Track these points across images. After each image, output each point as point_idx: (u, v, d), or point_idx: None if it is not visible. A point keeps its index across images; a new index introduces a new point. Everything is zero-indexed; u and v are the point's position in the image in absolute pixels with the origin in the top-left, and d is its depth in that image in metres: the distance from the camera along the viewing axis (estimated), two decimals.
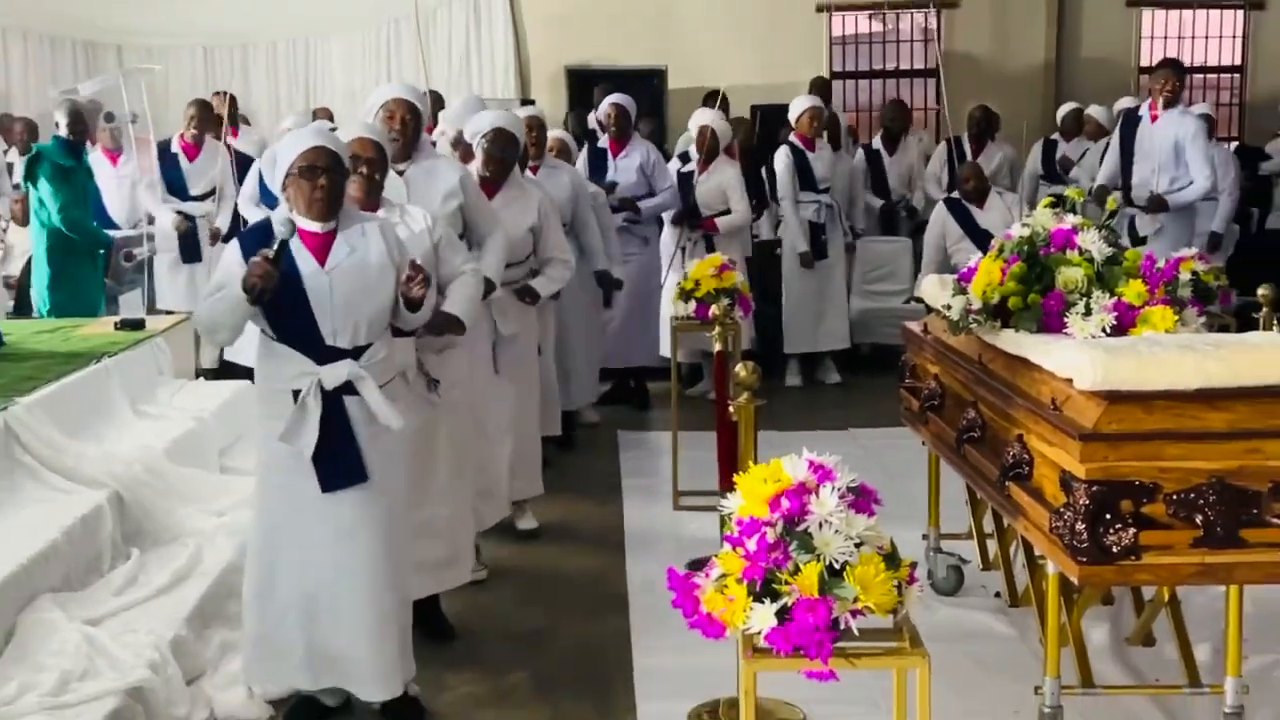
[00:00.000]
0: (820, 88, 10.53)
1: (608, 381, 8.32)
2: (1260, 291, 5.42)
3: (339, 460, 3.81)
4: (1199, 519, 3.38)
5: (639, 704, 4.28)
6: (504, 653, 4.70)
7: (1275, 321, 5.21)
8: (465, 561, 4.91)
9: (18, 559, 4.24)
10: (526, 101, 10.13)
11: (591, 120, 9.31)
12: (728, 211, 8.28)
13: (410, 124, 4.85)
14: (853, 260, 9.56)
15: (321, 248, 3.79)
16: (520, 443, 5.82)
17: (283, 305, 3.75)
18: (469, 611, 4.96)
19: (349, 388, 3.79)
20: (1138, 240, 7.63)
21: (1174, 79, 7.96)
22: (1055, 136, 10.65)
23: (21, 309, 8.13)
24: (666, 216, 8.41)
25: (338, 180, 3.81)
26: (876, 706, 4.05)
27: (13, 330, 6.78)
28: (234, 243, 3.94)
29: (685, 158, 8.72)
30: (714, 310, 5.55)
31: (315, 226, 3.80)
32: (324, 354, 3.78)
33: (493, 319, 5.44)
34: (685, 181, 8.31)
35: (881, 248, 9.84)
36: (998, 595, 4.98)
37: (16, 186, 8.16)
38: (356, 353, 3.81)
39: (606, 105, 8.41)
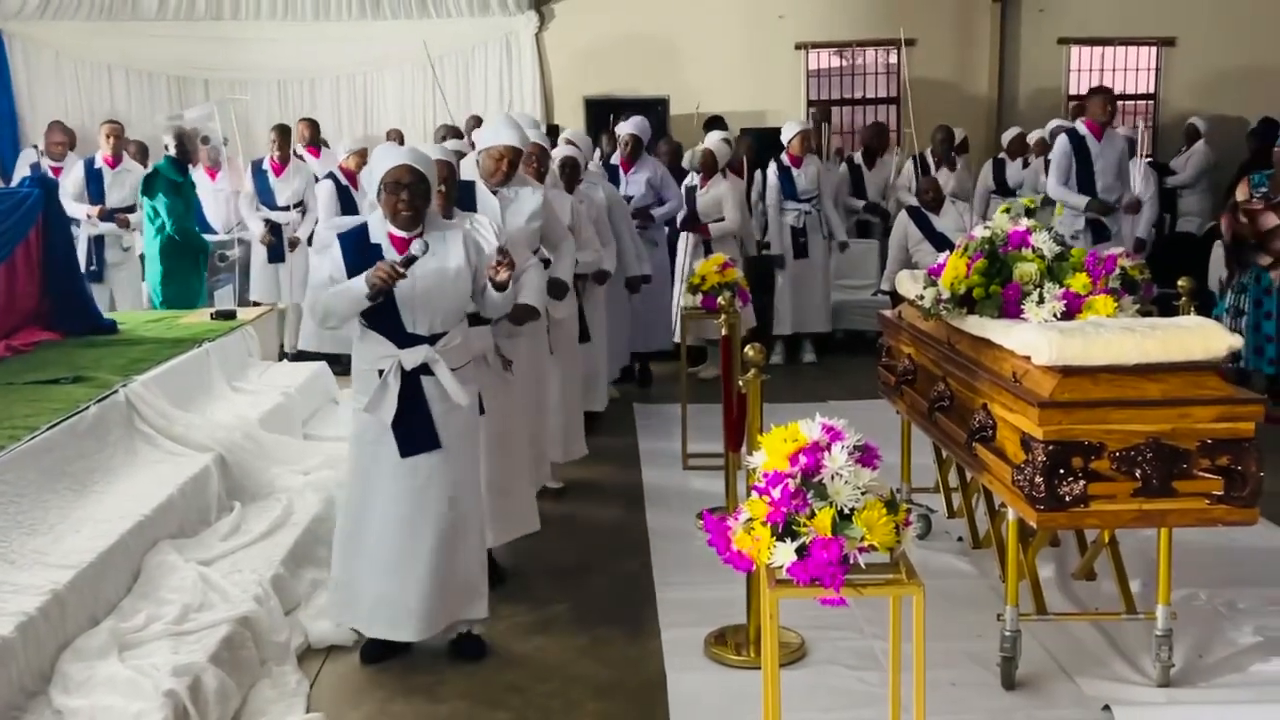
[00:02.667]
0: (821, 113, 10.55)
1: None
2: (1180, 283, 5.42)
3: (415, 430, 3.83)
4: (1138, 473, 3.41)
5: (663, 630, 4.29)
6: (547, 589, 4.72)
7: (1193, 308, 5.20)
8: (532, 514, 4.92)
9: (141, 511, 4.28)
10: (552, 127, 10.09)
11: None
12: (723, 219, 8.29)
13: (512, 166, 4.83)
14: (833, 260, 9.57)
15: (405, 248, 3.77)
16: (568, 413, 5.86)
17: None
18: (517, 555, 4.96)
19: (425, 369, 3.81)
20: (1101, 237, 7.66)
21: (1111, 103, 8.01)
22: (1002, 155, 10.63)
23: None
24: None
25: (421, 194, 3.79)
26: (861, 632, 4.11)
27: (125, 320, 6.81)
28: (336, 243, 3.91)
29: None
30: (720, 301, 5.55)
31: (401, 232, 3.80)
32: (404, 340, 3.80)
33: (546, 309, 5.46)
34: (690, 194, 8.33)
35: (853, 248, 9.82)
36: (961, 540, 5.00)
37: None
38: (433, 339, 3.82)
39: (624, 133, 8.45)
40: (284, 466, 5.39)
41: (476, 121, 8.82)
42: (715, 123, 10.13)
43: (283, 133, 8.82)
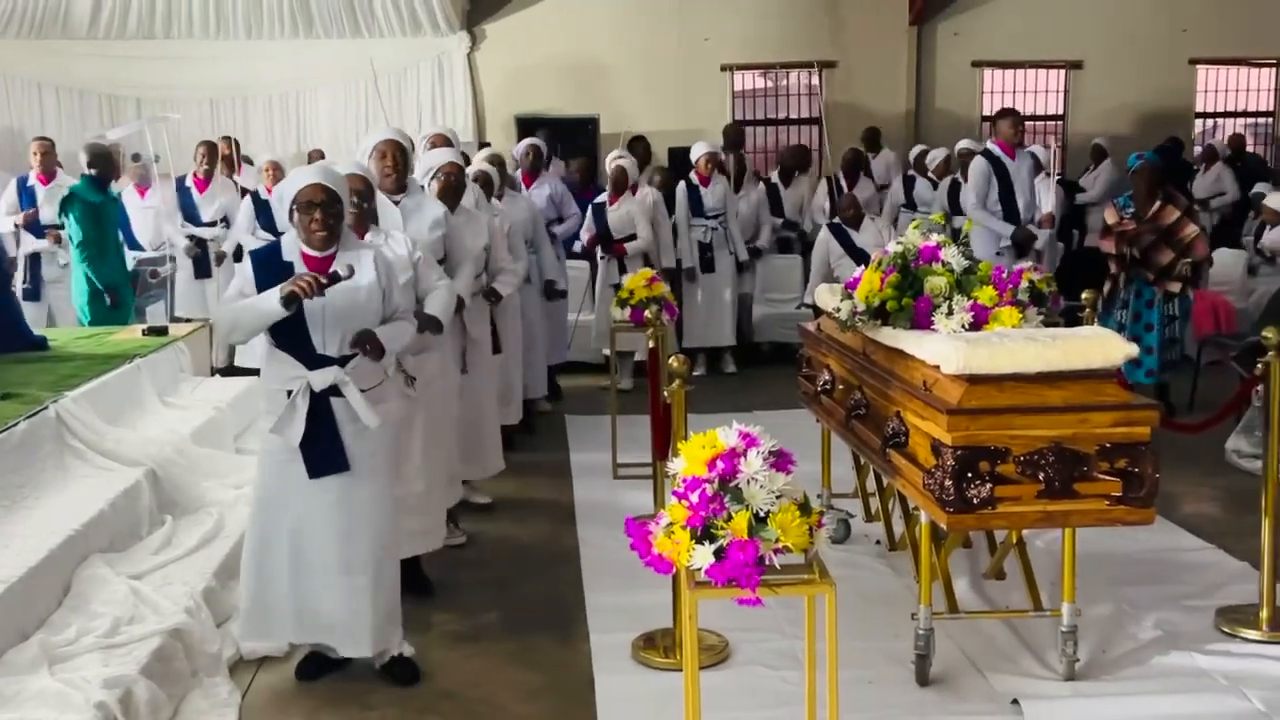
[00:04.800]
0: (734, 133, 10.62)
1: None
2: (1084, 295, 5.57)
3: (324, 451, 3.71)
4: (1041, 476, 3.48)
5: (591, 635, 4.31)
6: (477, 598, 4.70)
7: (1097, 319, 5.35)
8: (439, 530, 4.81)
9: (71, 526, 4.20)
10: (484, 144, 10.11)
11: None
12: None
13: (400, 161, 4.80)
14: (754, 274, 9.67)
15: (320, 270, 3.67)
16: (484, 427, 5.74)
17: (282, 321, 3.65)
18: (448, 567, 4.93)
19: (335, 390, 3.71)
20: (1024, 255, 7.81)
21: (1020, 124, 8.20)
22: (912, 173, 10.81)
23: None
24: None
25: (334, 213, 3.71)
26: (782, 633, 4.13)
27: (56, 337, 6.69)
28: (247, 258, 3.87)
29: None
30: (647, 314, 5.58)
31: (314, 252, 3.72)
32: (314, 361, 3.70)
33: (464, 325, 5.40)
34: (599, 211, 8.39)
35: (777, 263, 9.92)
36: (879, 543, 5.06)
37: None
38: (343, 360, 3.72)
39: (523, 145, 8.53)
40: (215, 480, 5.31)
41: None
42: (638, 142, 10.22)
43: (209, 149, 8.76)
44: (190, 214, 8.61)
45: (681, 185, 9.00)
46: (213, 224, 8.65)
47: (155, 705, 3.49)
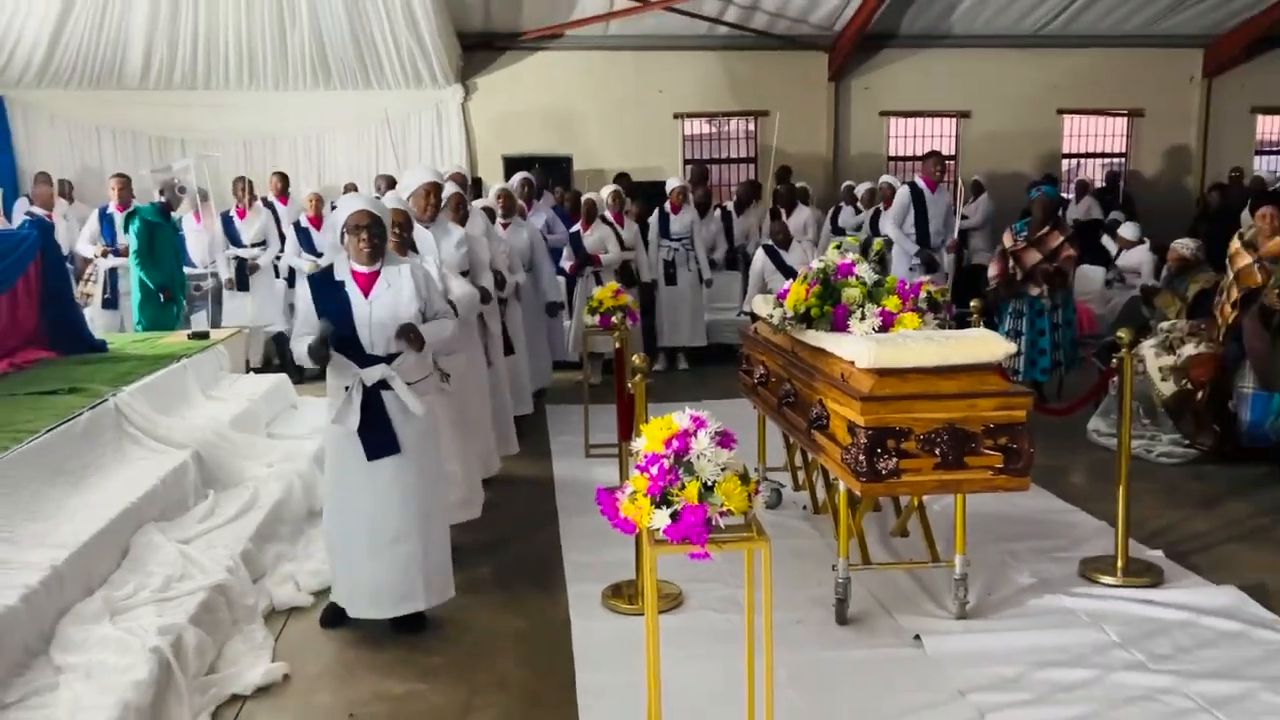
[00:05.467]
0: (700, 172, 10.69)
1: None
2: (972, 303, 5.63)
3: (378, 437, 3.73)
4: (937, 451, 3.52)
5: (568, 586, 4.31)
6: (473, 558, 4.66)
7: (982, 323, 5.39)
8: (476, 500, 4.87)
9: (129, 499, 4.17)
10: (476, 180, 10.05)
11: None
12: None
13: (436, 199, 4.94)
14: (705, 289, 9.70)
15: (368, 284, 3.74)
16: (504, 416, 5.82)
17: (338, 325, 3.69)
18: (451, 531, 4.89)
19: (385, 384, 3.72)
20: (932, 270, 7.92)
21: (941, 164, 8.29)
22: (842, 204, 10.88)
23: None
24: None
25: (379, 234, 3.74)
26: (726, 583, 4.12)
27: (114, 341, 6.60)
28: (305, 285, 3.87)
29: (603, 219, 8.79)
30: (614, 320, 5.58)
31: (363, 268, 3.75)
32: (365, 360, 3.72)
33: (484, 325, 5.42)
34: (576, 238, 8.46)
35: (720, 278, 9.93)
36: (805, 508, 5.07)
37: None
38: (390, 359, 3.73)
39: (516, 179, 8.61)
40: (251, 460, 5.27)
41: (389, 182, 8.79)
42: (621, 178, 10.22)
43: (243, 183, 8.73)
44: (234, 239, 8.56)
45: (656, 211, 9.07)
46: (251, 245, 8.59)
47: (202, 648, 3.46)
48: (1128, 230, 10.01)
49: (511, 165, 11.59)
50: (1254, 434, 5.75)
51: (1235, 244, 6.12)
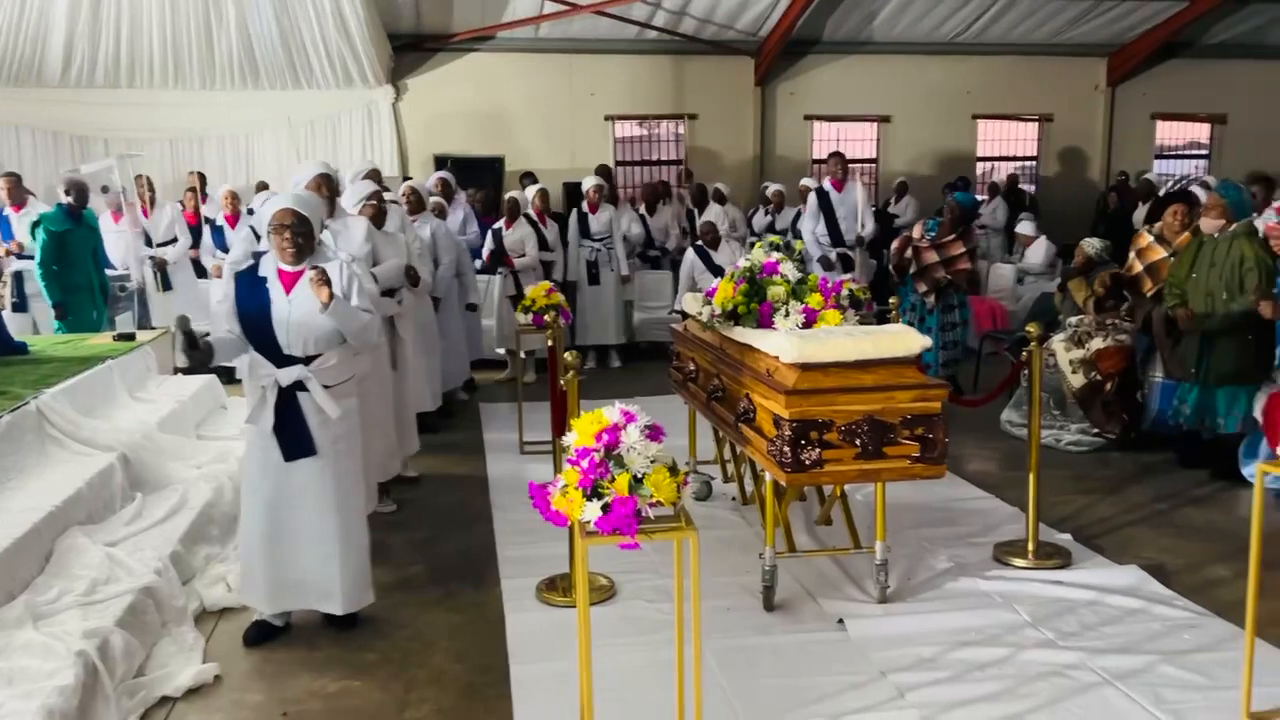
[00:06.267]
0: (604, 172, 10.69)
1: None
2: (891, 300, 5.74)
3: (294, 438, 3.63)
4: (858, 441, 3.58)
5: (503, 581, 4.29)
6: (408, 555, 4.64)
7: (901, 319, 5.51)
8: (372, 501, 4.74)
9: (53, 502, 4.03)
10: (407, 178, 9.94)
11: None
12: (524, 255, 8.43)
13: (331, 192, 4.73)
14: (634, 286, 9.75)
15: (291, 282, 3.63)
16: (407, 414, 5.62)
17: (255, 326, 3.61)
18: (383, 531, 4.81)
19: (301, 386, 3.63)
20: (848, 268, 8.03)
21: (844, 163, 8.41)
22: (758, 206, 10.98)
23: None
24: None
25: (303, 233, 3.63)
26: (658, 573, 4.16)
27: (36, 343, 6.37)
28: (230, 280, 3.78)
29: (526, 217, 8.79)
30: (546, 318, 5.57)
31: (287, 267, 3.65)
32: (282, 360, 3.63)
33: (394, 329, 5.30)
34: (497, 234, 8.44)
35: (651, 277, 10.00)
36: (734, 499, 5.10)
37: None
38: (308, 360, 3.63)
39: (433, 178, 8.52)
40: (180, 462, 5.13)
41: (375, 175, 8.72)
42: (529, 177, 10.21)
43: (144, 181, 8.48)
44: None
45: (574, 213, 9.06)
46: (164, 244, 8.37)
47: (130, 651, 3.37)
48: (1025, 227, 10.34)
49: (442, 165, 11.50)
50: (1159, 422, 5.97)
51: (1147, 239, 6.30)
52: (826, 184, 8.41)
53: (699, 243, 8.79)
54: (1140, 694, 3.24)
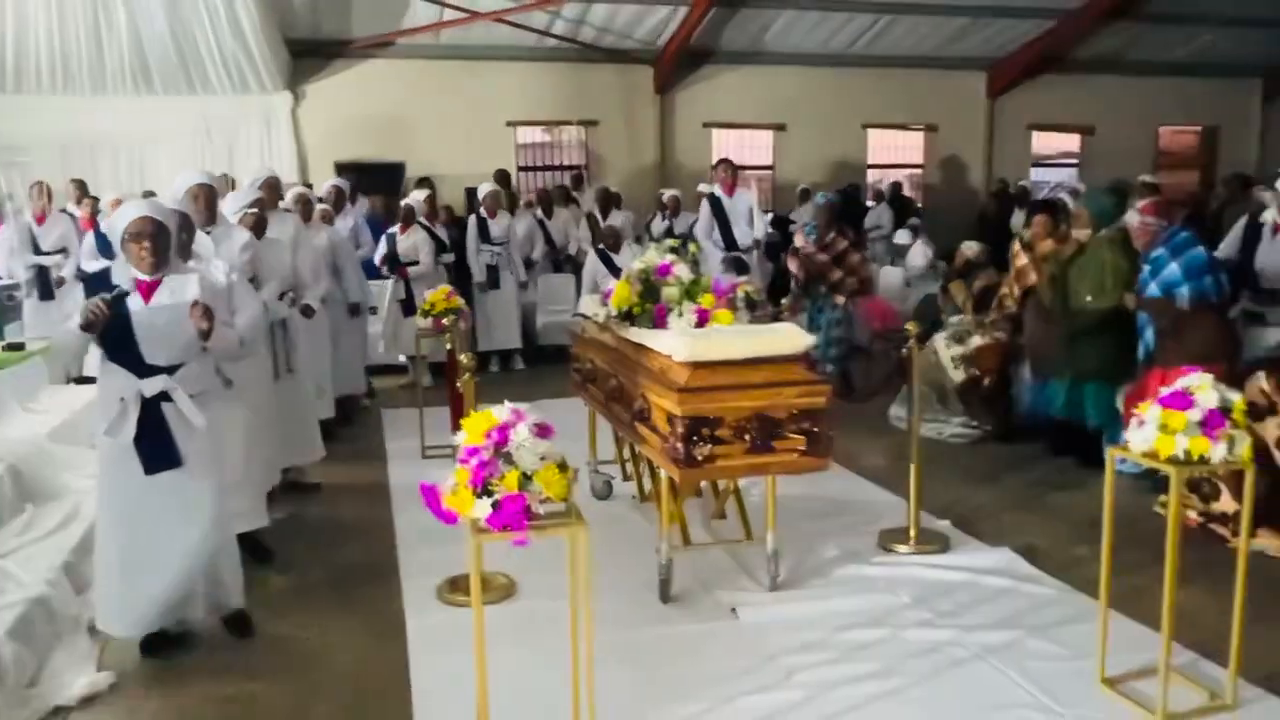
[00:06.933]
0: (501, 176, 10.69)
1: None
2: (782, 301, 5.90)
3: (158, 450, 3.48)
4: (748, 437, 3.65)
5: (403, 582, 4.28)
6: (307, 562, 4.57)
7: (791, 318, 5.67)
8: (260, 509, 4.58)
9: None
10: (307, 185, 9.75)
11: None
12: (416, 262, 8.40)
13: (209, 199, 4.61)
14: (536, 289, 9.77)
15: (149, 291, 3.50)
16: (306, 419, 5.56)
17: (115, 334, 3.44)
18: (283, 539, 4.76)
19: (165, 396, 3.50)
20: (743, 271, 8.15)
21: (733, 170, 8.58)
22: (656, 212, 11.09)
23: None
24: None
25: (160, 242, 3.50)
26: (559, 570, 4.15)
27: None
28: (82, 287, 3.68)
29: (420, 224, 8.73)
30: (445, 322, 5.55)
31: (144, 276, 3.52)
32: (144, 370, 3.48)
33: (286, 332, 5.21)
34: (391, 238, 8.39)
35: (555, 281, 10.03)
36: (634, 497, 5.17)
37: None
38: (171, 370, 3.51)
39: (327, 185, 8.40)
40: (73, 472, 4.95)
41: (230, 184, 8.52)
42: (424, 182, 10.14)
43: (43, 188, 8.19)
44: (33, 246, 8.01)
45: (472, 219, 9.05)
46: (51, 253, 8.05)
47: (21, 661, 3.27)
48: (901, 235, 10.78)
49: (343, 172, 11.32)
50: (1031, 415, 6.27)
51: (1016, 246, 6.64)
52: (718, 190, 8.57)
53: (601, 246, 8.88)
54: (1008, 666, 3.42)
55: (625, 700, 3.21)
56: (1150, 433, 3.04)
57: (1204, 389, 3.01)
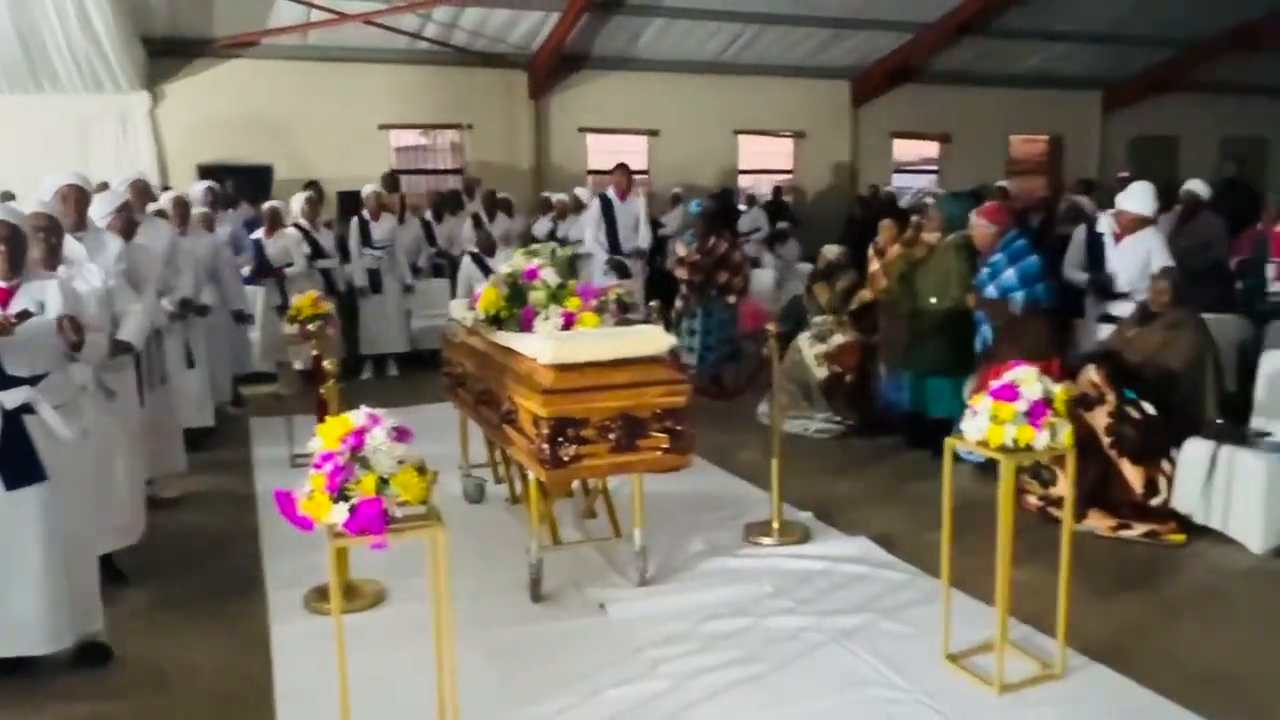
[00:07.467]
0: (391, 181, 10.52)
1: None
2: (651, 303, 6.00)
3: (20, 465, 3.30)
4: (613, 436, 3.72)
5: (270, 593, 4.19)
6: (168, 578, 4.41)
7: (662, 323, 5.75)
8: (139, 524, 4.47)
9: None
10: (166, 187, 9.37)
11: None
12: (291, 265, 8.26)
13: (80, 202, 4.44)
14: (414, 294, 9.63)
15: (5, 299, 3.34)
16: (173, 431, 5.42)
17: None
18: (141, 554, 4.54)
19: (28, 408, 3.32)
20: (624, 275, 8.28)
21: (628, 175, 8.66)
22: (540, 215, 11.10)
23: None
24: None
25: (15, 246, 3.35)
26: (427, 574, 4.18)
27: None
28: None
29: (297, 226, 8.53)
30: (311, 328, 5.44)
31: (2, 282, 3.37)
32: (4, 381, 3.30)
33: (160, 342, 5.06)
34: (259, 244, 8.20)
35: (432, 285, 9.91)
36: (507, 499, 5.15)
37: None
38: (35, 380, 3.34)
39: (200, 188, 8.16)
40: None
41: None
42: (311, 186, 9.89)
43: None
44: None
45: (355, 221, 8.88)
46: None
47: None
48: (753, 247, 11.12)
49: (208, 175, 10.91)
50: (886, 409, 6.55)
51: (871, 250, 6.96)
52: (611, 192, 8.63)
53: (475, 250, 8.84)
54: (860, 647, 3.58)
55: (491, 700, 3.23)
56: (983, 423, 3.24)
57: (1029, 381, 3.22)
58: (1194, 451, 4.70)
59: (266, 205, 8.28)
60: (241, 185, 10.12)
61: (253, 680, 3.44)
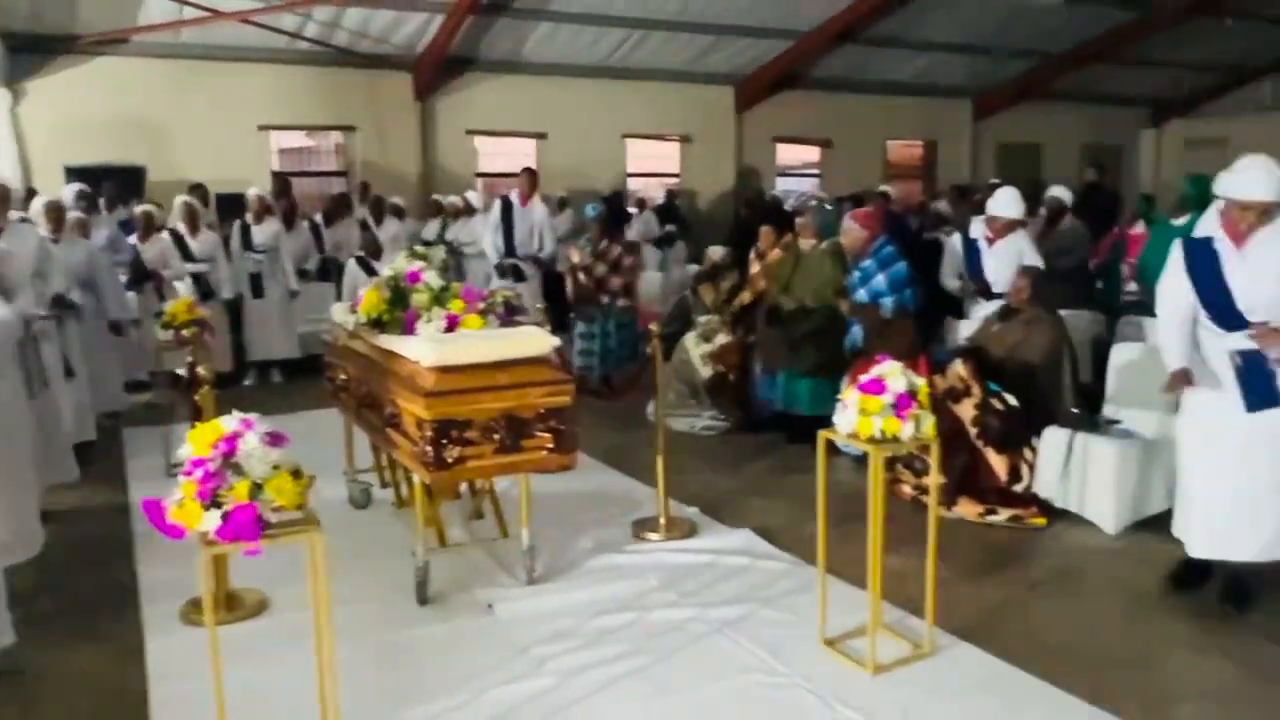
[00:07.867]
0: (281, 184, 10.21)
1: None
2: (537, 305, 6.01)
3: None
4: (496, 437, 3.74)
5: (144, 607, 4.05)
6: (38, 593, 4.21)
7: (549, 325, 5.74)
8: (35, 539, 4.24)
9: None
10: (30, 190, 8.89)
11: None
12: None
13: None
14: (299, 299, 9.41)
15: None
16: (58, 440, 5.19)
17: None
18: (21, 564, 4.28)
19: None
20: (520, 279, 8.24)
21: (534, 179, 8.59)
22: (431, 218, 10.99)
23: None
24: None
25: None
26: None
27: None
28: None
29: (172, 232, 8.26)
30: (185, 334, 5.26)
31: None
32: None
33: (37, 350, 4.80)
34: (135, 250, 7.95)
35: (317, 289, 9.67)
36: (393, 504, 5.09)
37: None
38: None
39: (71, 191, 7.83)
40: None
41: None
42: (197, 189, 9.55)
43: None
44: None
45: (237, 224, 8.64)
46: None
47: None
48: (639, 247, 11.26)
49: (75, 176, 10.40)
50: (763, 407, 6.72)
51: (752, 254, 7.14)
52: (513, 196, 8.57)
53: (360, 254, 8.68)
54: (744, 636, 3.68)
55: (375, 703, 3.20)
56: (853, 416, 3.37)
57: (894, 375, 3.37)
58: (1052, 439, 4.98)
59: (139, 208, 7.93)
60: (110, 187, 9.69)
61: (126, 697, 3.32)
